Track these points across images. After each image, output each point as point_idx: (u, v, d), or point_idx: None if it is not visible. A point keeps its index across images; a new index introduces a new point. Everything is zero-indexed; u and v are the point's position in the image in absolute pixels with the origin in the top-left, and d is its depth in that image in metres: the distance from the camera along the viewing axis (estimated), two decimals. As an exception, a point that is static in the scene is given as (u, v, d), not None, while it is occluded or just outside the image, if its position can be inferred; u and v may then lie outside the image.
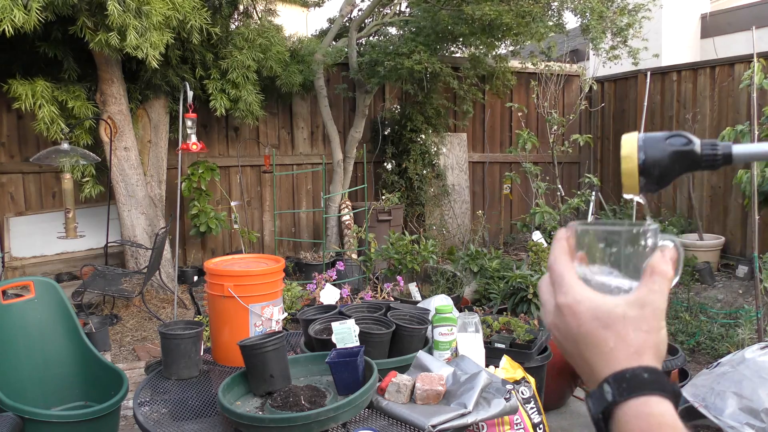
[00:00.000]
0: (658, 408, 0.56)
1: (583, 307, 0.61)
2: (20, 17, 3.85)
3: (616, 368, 0.58)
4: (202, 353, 2.24)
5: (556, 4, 6.27)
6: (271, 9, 6.56)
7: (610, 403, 0.57)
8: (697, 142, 0.65)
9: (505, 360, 2.54)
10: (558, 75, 7.31)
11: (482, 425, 2.29)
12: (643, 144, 0.65)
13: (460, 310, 2.98)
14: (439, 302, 3.03)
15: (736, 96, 6.48)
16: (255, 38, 5.74)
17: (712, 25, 8.18)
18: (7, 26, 3.85)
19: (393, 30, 7.28)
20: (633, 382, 0.57)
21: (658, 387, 0.57)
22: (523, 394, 2.47)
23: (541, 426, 2.47)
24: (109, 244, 5.48)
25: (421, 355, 2.07)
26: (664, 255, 0.62)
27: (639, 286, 0.61)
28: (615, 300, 0.61)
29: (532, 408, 2.47)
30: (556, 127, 6.62)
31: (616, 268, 0.63)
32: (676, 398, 0.57)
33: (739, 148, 0.66)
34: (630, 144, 0.65)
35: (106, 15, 4.09)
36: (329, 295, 3.62)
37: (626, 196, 0.67)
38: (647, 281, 0.61)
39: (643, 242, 0.62)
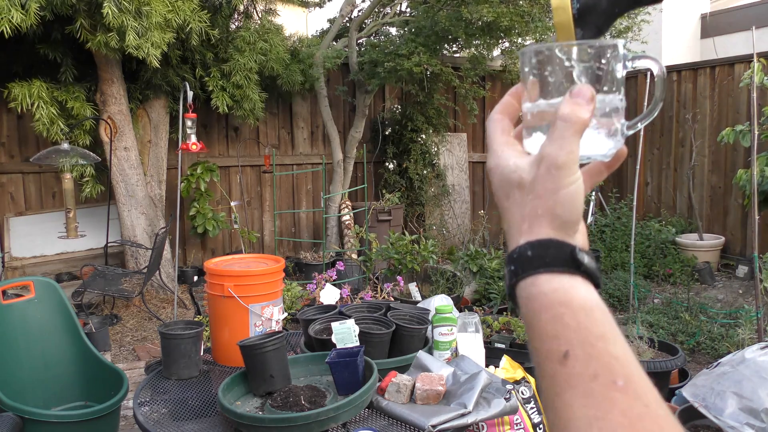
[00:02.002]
0: (547, 286, 0.49)
1: (494, 175, 0.54)
2: (18, 17, 3.86)
3: (512, 246, 0.52)
4: (202, 353, 2.24)
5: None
6: (271, 9, 6.57)
7: (509, 287, 0.52)
8: None
9: (505, 360, 2.54)
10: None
11: (482, 425, 2.29)
12: None
13: (460, 310, 2.98)
14: (439, 302, 3.03)
15: (736, 96, 6.48)
16: (256, 41, 5.74)
17: (712, 25, 8.19)
18: (6, 27, 3.85)
19: (393, 30, 7.28)
20: (520, 262, 0.50)
21: (543, 263, 0.49)
22: (523, 394, 2.47)
23: (541, 426, 2.47)
24: (109, 244, 5.48)
25: (421, 355, 2.07)
26: (573, 94, 0.51)
27: (544, 141, 0.52)
28: (517, 163, 0.53)
29: (532, 408, 2.47)
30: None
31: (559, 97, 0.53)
32: (575, 267, 0.49)
33: None
34: None
35: (103, 15, 4.10)
36: (329, 295, 3.62)
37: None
38: (549, 131, 0.51)
39: (591, 60, 0.52)
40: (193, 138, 4.64)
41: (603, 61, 0.52)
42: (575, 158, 0.50)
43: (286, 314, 2.75)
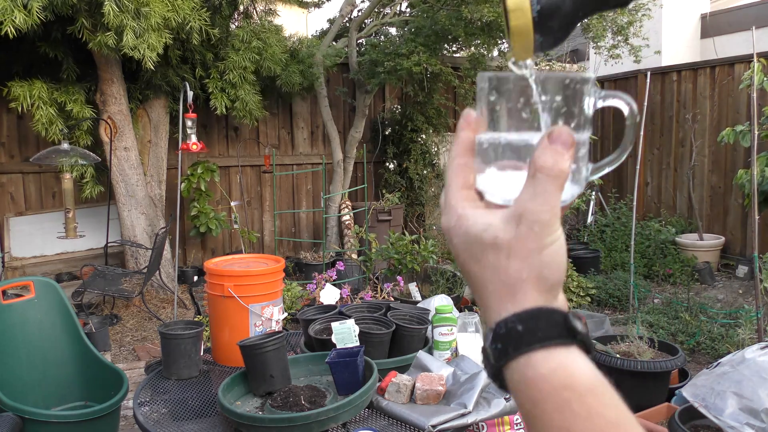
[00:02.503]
0: (545, 366, 0.43)
1: (455, 235, 0.47)
2: (21, 18, 3.86)
3: (493, 319, 0.46)
4: (202, 353, 2.24)
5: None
6: (271, 9, 6.56)
7: (494, 368, 0.45)
8: None
9: (505, 360, 2.54)
10: (558, 75, 7.31)
11: (482, 425, 2.29)
12: None
13: (460, 310, 2.98)
14: (439, 302, 3.02)
15: (736, 96, 6.48)
16: (251, 39, 5.74)
17: (712, 25, 8.18)
18: (9, 27, 3.85)
19: (393, 30, 7.28)
20: (509, 339, 0.44)
21: (536, 338, 0.43)
22: (523, 394, 2.47)
23: (541, 426, 2.47)
24: (109, 244, 5.48)
25: (421, 355, 2.07)
26: (552, 139, 0.45)
27: (521, 192, 0.45)
28: (488, 221, 0.46)
29: (532, 408, 2.47)
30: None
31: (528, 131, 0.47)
32: (571, 337, 0.44)
33: None
34: None
35: (103, 15, 4.10)
36: (329, 295, 3.62)
37: (513, 64, 0.48)
38: (527, 183, 0.45)
39: (559, 98, 0.46)
40: (194, 138, 4.64)
41: (576, 96, 0.47)
42: (558, 213, 0.45)
43: (286, 314, 2.75)
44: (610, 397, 0.42)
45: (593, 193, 7.29)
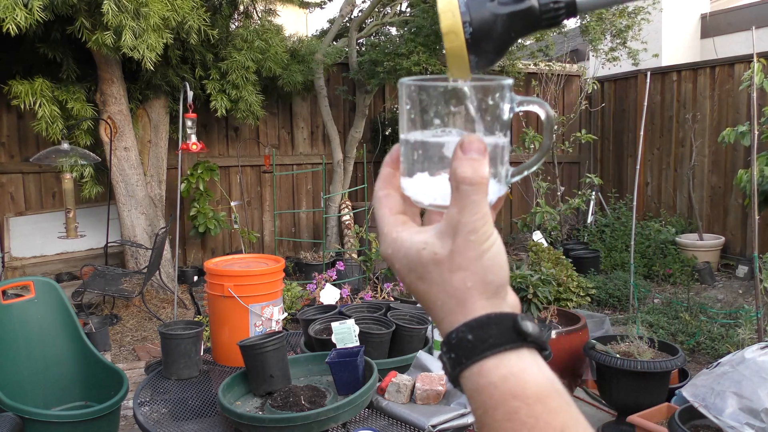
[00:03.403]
0: (496, 374, 0.44)
1: (396, 260, 0.49)
2: (23, 16, 3.86)
3: (444, 330, 0.47)
4: (202, 353, 2.24)
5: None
6: (271, 9, 6.57)
7: (451, 376, 0.47)
8: None
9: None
10: (558, 75, 7.32)
11: (482, 425, 2.29)
12: (467, 10, 0.49)
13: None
14: (439, 302, 3.03)
15: (736, 96, 6.48)
16: (253, 39, 5.74)
17: (712, 25, 8.18)
18: (11, 26, 3.86)
19: (393, 30, 7.28)
20: (460, 349, 0.45)
21: (487, 345, 0.44)
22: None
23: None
24: (109, 244, 5.48)
25: (421, 355, 2.07)
26: (465, 149, 0.46)
27: (449, 206, 0.47)
28: (423, 239, 0.47)
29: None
30: (556, 127, 6.62)
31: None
32: (522, 340, 0.45)
33: None
34: (451, 13, 0.49)
35: (102, 15, 4.10)
36: (329, 295, 3.62)
37: (454, 80, 0.50)
38: (454, 197, 0.46)
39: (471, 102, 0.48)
40: (193, 138, 4.64)
41: (491, 101, 0.48)
42: (489, 218, 0.46)
43: (286, 314, 2.75)
44: (558, 404, 0.44)
45: (593, 193, 7.29)
